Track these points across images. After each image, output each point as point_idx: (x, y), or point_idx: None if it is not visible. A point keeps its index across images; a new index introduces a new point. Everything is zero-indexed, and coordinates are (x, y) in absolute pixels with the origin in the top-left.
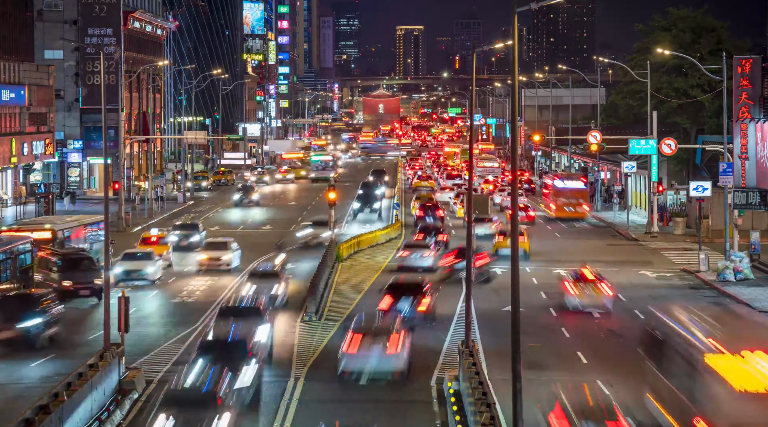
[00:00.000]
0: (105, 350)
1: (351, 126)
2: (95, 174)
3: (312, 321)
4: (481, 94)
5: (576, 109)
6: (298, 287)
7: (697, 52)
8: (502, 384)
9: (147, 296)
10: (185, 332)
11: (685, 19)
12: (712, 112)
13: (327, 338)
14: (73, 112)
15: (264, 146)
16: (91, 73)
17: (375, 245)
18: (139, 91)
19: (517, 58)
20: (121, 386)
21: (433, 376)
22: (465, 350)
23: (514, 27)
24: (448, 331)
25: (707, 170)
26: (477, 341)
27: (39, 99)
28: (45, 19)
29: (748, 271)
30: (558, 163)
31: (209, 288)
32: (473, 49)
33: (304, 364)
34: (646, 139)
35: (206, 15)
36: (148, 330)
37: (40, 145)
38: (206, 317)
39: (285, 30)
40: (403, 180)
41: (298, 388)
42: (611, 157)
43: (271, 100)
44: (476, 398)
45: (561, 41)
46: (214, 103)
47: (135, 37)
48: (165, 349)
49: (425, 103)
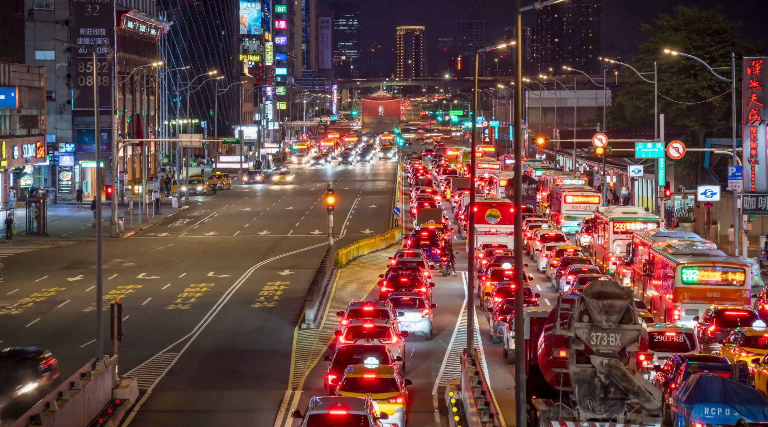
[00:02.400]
0: (97, 359)
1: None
2: (87, 178)
3: (310, 329)
4: (484, 96)
5: (581, 111)
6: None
7: (707, 53)
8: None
9: (140, 303)
10: (179, 340)
11: (696, 20)
12: (721, 114)
13: (325, 347)
14: (65, 115)
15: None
16: (84, 74)
17: (375, 251)
18: (132, 93)
19: (521, 59)
20: (114, 395)
21: (434, 385)
22: (467, 358)
23: (517, 27)
24: (450, 338)
25: (716, 174)
26: (479, 348)
27: (30, 101)
28: (36, 18)
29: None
30: (562, 166)
31: (205, 296)
32: (476, 50)
33: (301, 373)
34: (653, 143)
35: (201, 15)
36: (142, 338)
37: (31, 149)
38: (201, 324)
39: (282, 30)
40: (403, 184)
41: (295, 398)
42: (617, 160)
43: (268, 103)
44: (479, 408)
45: (565, 42)
46: (210, 105)
47: (128, 38)
48: (159, 358)
49: (426, 105)
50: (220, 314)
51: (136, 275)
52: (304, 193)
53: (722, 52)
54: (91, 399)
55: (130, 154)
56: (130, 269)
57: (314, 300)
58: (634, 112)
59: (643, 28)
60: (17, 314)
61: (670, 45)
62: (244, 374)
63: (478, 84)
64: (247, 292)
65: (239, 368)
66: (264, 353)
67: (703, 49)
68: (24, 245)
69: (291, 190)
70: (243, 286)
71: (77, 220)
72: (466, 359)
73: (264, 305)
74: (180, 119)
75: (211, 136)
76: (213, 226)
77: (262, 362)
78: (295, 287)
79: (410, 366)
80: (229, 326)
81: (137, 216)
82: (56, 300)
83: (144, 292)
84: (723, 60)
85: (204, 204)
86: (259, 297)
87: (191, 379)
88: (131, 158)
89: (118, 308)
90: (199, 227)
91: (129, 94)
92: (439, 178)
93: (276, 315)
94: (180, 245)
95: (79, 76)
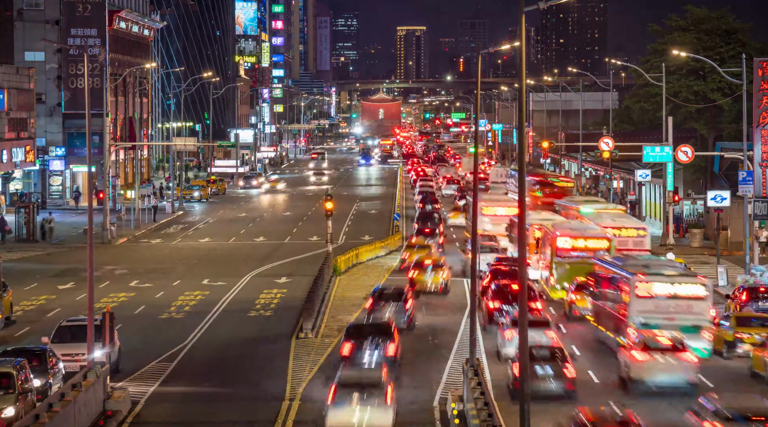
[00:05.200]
0: (89, 370)
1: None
2: (78, 182)
3: (308, 338)
4: (487, 98)
5: (587, 114)
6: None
7: (717, 54)
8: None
9: (133, 312)
10: (173, 350)
11: (706, 20)
12: (732, 117)
13: (323, 357)
14: (55, 118)
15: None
16: (75, 76)
17: (375, 258)
18: (125, 95)
19: (525, 60)
20: (105, 407)
21: (435, 396)
22: (469, 368)
23: (521, 28)
24: (452, 348)
25: (726, 179)
26: (482, 359)
27: (19, 103)
28: (25, 18)
29: None
30: (568, 170)
31: (199, 304)
32: (478, 51)
33: (299, 384)
34: (661, 146)
35: (196, 15)
36: (135, 347)
37: (20, 153)
38: (196, 333)
39: (279, 31)
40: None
41: (292, 410)
42: (624, 165)
43: (265, 105)
44: (482, 420)
45: (571, 42)
46: (205, 107)
47: (121, 38)
48: (153, 368)
49: (428, 107)
50: (215, 323)
51: (129, 283)
52: (300, 198)
53: (732, 52)
54: (82, 410)
55: (123, 159)
56: (123, 277)
57: (312, 309)
58: (642, 115)
59: (650, 28)
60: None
61: (678, 46)
62: (240, 385)
63: (480, 86)
64: (243, 300)
65: (235, 378)
66: (260, 363)
67: (713, 50)
68: (13, 251)
69: (286, 195)
70: (239, 294)
71: (68, 225)
72: (469, 370)
73: (260, 314)
74: (174, 122)
75: (206, 140)
76: (208, 232)
77: (258, 372)
78: (293, 295)
79: (410, 377)
80: (224, 335)
81: (130, 222)
82: (46, 309)
83: (137, 300)
84: (733, 61)
85: (199, 210)
86: (256, 305)
87: (185, 390)
88: (124, 162)
89: (110, 317)
90: (193, 233)
91: (121, 97)
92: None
93: (273, 324)
94: (174, 252)
95: (70, 78)
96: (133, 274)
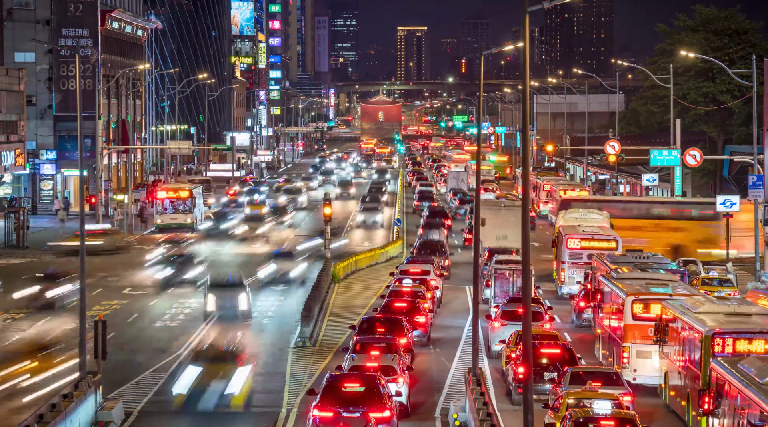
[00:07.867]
0: (80, 379)
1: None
2: (70, 187)
3: (306, 347)
4: (490, 100)
5: (592, 116)
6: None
7: (726, 55)
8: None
9: (126, 320)
10: (168, 359)
11: (714, 20)
12: (741, 119)
13: (321, 366)
14: (46, 120)
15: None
16: (66, 77)
17: (374, 264)
18: (118, 97)
19: (529, 61)
20: (98, 418)
21: (437, 406)
22: (472, 378)
23: (525, 28)
24: (454, 357)
25: (736, 183)
26: (485, 368)
27: (8, 106)
28: (15, 18)
29: None
30: (573, 175)
31: (194, 311)
32: (481, 52)
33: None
34: (669, 150)
35: (191, 15)
36: (127, 357)
37: (10, 156)
38: (191, 342)
39: (277, 31)
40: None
41: (290, 421)
42: (631, 169)
43: (262, 107)
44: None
45: (576, 43)
46: (200, 110)
47: (113, 39)
48: (146, 378)
49: (429, 110)
50: (210, 331)
51: (122, 290)
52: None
53: (742, 53)
54: (74, 421)
55: (116, 162)
56: (115, 284)
57: (310, 316)
58: (649, 117)
59: (658, 28)
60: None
61: (687, 46)
62: (236, 395)
63: (483, 88)
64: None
65: (231, 387)
66: (257, 372)
67: (722, 51)
68: (1, 257)
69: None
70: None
71: (59, 232)
72: (471, 380)
73: (257, 322)
74: (168, 125)
75: (201, 143)
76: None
77: (255, 381)
78: (290, 303)
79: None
80: (220, 343)
81: (123, 227)
82: (37, 317)
83: (130, 308)
84: (743, 62)
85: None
86: (252, 313)
87: (180, 400)
88: (116, 166)
89: (102, 325)
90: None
91: (114, 99)
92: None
93: (270, 332)
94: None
95: (61, 80)
96: (126, 281)
